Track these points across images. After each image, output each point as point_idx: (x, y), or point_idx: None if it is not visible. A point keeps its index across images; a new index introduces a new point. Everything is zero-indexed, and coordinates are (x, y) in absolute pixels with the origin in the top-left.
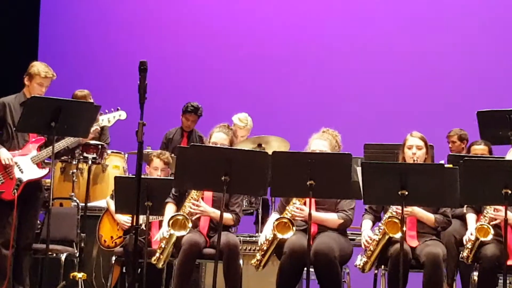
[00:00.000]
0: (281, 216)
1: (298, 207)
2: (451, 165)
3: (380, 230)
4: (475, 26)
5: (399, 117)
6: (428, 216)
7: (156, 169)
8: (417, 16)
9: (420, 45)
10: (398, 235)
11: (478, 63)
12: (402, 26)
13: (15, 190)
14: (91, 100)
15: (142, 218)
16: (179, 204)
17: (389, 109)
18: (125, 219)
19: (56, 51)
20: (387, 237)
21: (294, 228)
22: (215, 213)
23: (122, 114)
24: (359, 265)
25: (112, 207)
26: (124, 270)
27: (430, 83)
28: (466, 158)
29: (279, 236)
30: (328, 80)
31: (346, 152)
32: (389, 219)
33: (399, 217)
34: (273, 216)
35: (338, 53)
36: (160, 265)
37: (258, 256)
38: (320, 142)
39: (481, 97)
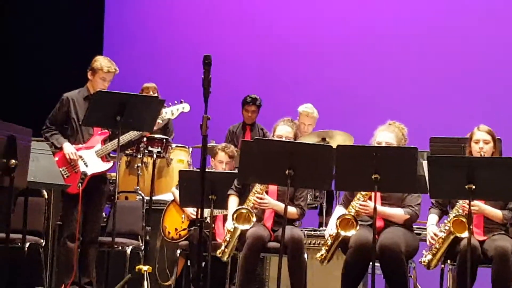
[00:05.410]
0: (345, 213)
1: (362, 204)
2: None
3: (446, 228)
4: None
5: (466, 110)
6: (495, 212)
7: (221, 163)
8: None
9: (489, 33)
10: (464, 235)
11: None
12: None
13: (80, 184)
14: (156, 94)
15: (206, 212)
16: (241, 196)
17: (456, 101)
18: (191, 211)
19: (121, 44)
20: (452, 236)
21: (357, 227)
22: (280, 206)
23: (185, 107)
24: (424, 261)
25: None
26: (188, 263)
27: (498, 74)
28: None
29: (342, 233)
30: (393, 74)
31: (412, 146)
32: (455, 218)
33: (466, 216)
34: (338, 209)
35: (402, 46)
36: (225, 258)
37: (323, 251)
38: (387, 134)
39: None
